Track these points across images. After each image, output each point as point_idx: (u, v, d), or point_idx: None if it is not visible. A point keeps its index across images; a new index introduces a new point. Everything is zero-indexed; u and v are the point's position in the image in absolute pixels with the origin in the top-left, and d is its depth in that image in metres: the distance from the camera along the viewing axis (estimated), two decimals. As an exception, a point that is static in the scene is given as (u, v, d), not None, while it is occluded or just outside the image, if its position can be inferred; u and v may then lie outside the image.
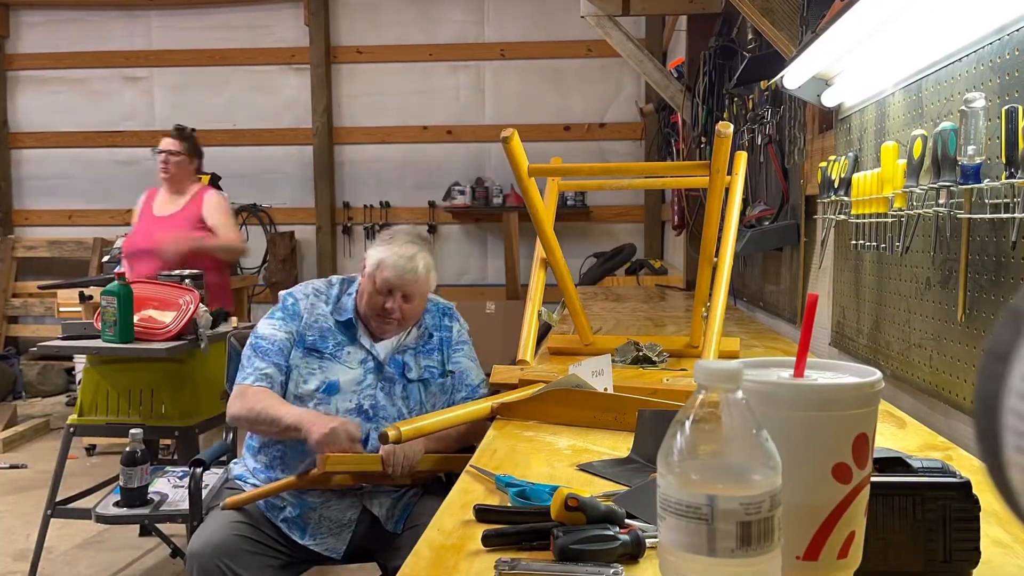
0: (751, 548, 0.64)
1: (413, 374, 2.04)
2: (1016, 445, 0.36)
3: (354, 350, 2.04)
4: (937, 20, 1.41)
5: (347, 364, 2.02)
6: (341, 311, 2.07)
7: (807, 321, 0.78)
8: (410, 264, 2.01)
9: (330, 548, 1.95)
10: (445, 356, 2.10)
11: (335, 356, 2.02)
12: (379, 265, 2.01)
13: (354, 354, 2.03)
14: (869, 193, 1.69)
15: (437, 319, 2.14)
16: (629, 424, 1.44)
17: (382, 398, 2.00)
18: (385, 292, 2.01)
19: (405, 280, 2.00)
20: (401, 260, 2.00)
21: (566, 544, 0.90)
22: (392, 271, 2.00)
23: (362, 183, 6.65)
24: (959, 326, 1.39)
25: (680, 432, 0.67)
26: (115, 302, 2.91)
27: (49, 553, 3.25)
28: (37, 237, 6.77)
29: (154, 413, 2.99)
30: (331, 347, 2.02)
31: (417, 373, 2.05)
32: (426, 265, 2.04)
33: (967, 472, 0.85)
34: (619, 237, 6.47)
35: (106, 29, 6.76)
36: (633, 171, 3.81)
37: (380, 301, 2.01)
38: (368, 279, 2.03)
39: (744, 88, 3.17)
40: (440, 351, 2.10)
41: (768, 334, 2.71)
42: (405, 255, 2.01)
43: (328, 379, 1.99)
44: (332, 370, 2.00)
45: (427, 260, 2.05)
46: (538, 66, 6.46)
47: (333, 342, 2.03)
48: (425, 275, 2.03)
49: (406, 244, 2.04)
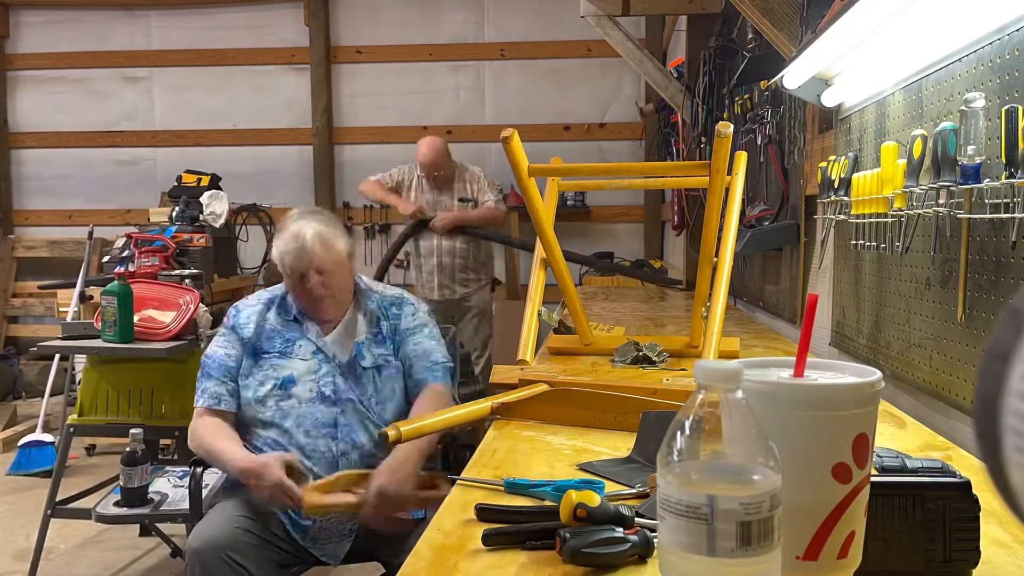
0: (751, 548, 0.64)
1: (367, 362, 2.06)
2: (1016, 445, 0.36)
3: (304, 343, 2.07)
4: (937, 20, 1.41)
5: (299, 357, 2.05)
6: (287, 310, 2.11)
7: (807, 321, 0.78)
8: (297, 242, 2.03)
9: (329, 555, 1.96)
10: (396, 344, 2.11)
11: (285, 353, 2.05)
12: (280, 259, 2.05)
13: (305, 347, 2.06)
14: (869, 193, 1.69)
15: (384, 308, 2.15)
16: (629, 424, 1.44)
17: (341, 382, 2.02)
18: (297, 277, 2.03)
19: (302, 256, 2.02)
20: (289, 243, 2.03)
21: (577, 547, 0.90)
22: (288, 256, 2.03)
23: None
24: (959, 326, 1.39)
25: (680, 432, 0.67)
26: (115, 302, 2.92)
27: (49, 553, 3.25)
28: (37, 237, 6.77)
29: (154, 413, 2.99)
30: (279, 345, 2.06)
31: (371, 360, 2.06)
32: (315, 234, 2.04)
33: (967, 472, 0.85)
34: (619, 237, 6.47)
35: (106, 29, 6.76)
36: (633, 171, 3.80)
37: (299, 288, 2.05)
38: (283, 275, 2.07)
39: (744, 88, 3.17)
40: (392, 340, 2.11)
41: (768, 334, 2.71)
42: (290, 236, 2.04)
43: (281, 375, 2.02)
44: (284, 366, 2.03)
45: (314, 228, 2.05)
46: (538, 66, 6.46)
47: (281, 340, 2.06)
48: (318, 242, 2.03)
49: (292, 224, 2.07)
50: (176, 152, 6.66)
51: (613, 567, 0.90)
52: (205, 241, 4.08)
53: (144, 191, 6.69)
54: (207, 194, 4.41)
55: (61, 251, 6.57)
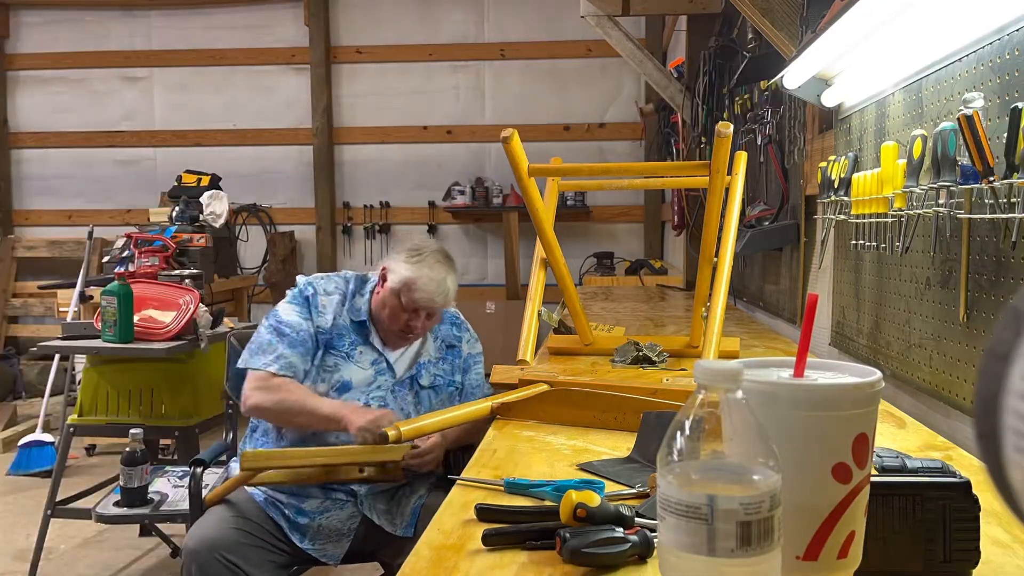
0: (751, 548, 0.64)
1: (425, 380, 2.07)
2: (1016, 445, 0.36)
3: (366, 351, 2.04)
4: (937, 20, 1.41)
5: (359, 364, 2.02)
6: (356, 311, 2.06)
7: (807, 321, 0.78)
8: (441, 288, 1.99)
9: (328, 555, 1.95)
10: (455, 365, 2.13)
11: (349, 356, 2.03)
12: (408, 285, 1.98)
13: (366, 355, 2.04)
14: (869, 193, 1.69)
15: (448, 328, 2.16)
16: (629, 424, 1.44)
17: (390, 400, 2.01)
18: (411, 311, 2.00)
19: (435, 304, 2.00)
20: (432, 284, 1.98)
21: (577, 547, 0.90)
22: (423, 294, 1.98)
23: (362, 183, 6.65)
24: (959, 326, 1.39)
25: (680, 432, 0.67)
26: (115, 302, 2.92)
27: (49, 553, 3.25)
28: (37, 237, 6.77)
29: (154, 413, 2.99)
30: (346, 345, 2.03)
31: (429, 380, 2.07)
32: (454, 288, 2.05)
33: (967, 472, 0.85)
34: (619, 237, 6.48)
35: (106, 29, 6.76)
36: (633, 171, 3.79)
37: (404, 318, 2.01)
38: (392, 294, 2.00)
39: (744, 88, 3.17)
40: (448, 360, 2.13)
41: (768, 334, 2.71)
42: (436, 279, 1.99)
43: (343, 378, 2.00)
44: (347, 369, 2.01)
45: (454, 281, 2.05)
46: (538, 66, 6.46)
47: (348, 341, 2.03)
48: (453, 297, 2.05)
49: (436, 265, 2.01)
50: (176, 152, 6.66)
51: (613, 567, 0.90)
52: (205, 241, 4.09)
53: (144, 191, 6.69)
54: (207, 194, 4.41)
55: (61, 251, 6.57)
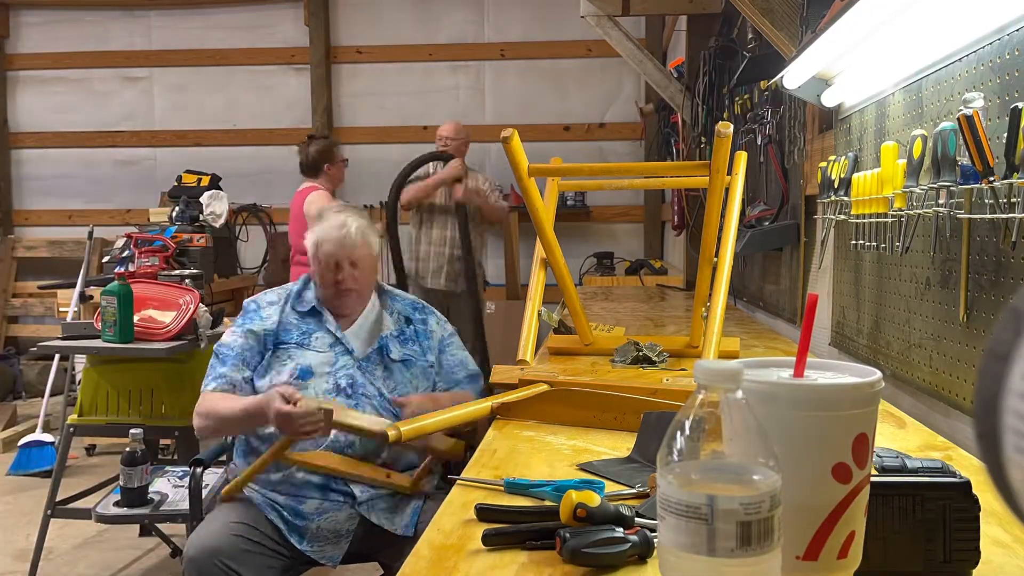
0: (751, 548, 0.64)
1: (395, 355, 2.10)
2: (1016, 445, 0.36)
3: (322, 335, 2.09)
4: (937, 20, 1.41)
5: (316, 349, 2.07)
6: (302, 303, 2.14)
7: (807, 321, 0.78)
8: (343, 230, 2.09)
9: (327, 556, 1.95)
10: (424, 347, 2.16)
11: (302, 344, 2.07)
12: (317, 244, 2.10)
13: (322, 339, 2.09)
14: (869, 193, 1.69)
15: (408, 309, 2.21)
16: (629, 424, 1.44)
17: (359, 376, 2.04)
18: (332, 266, 2.09)
19: (345, 246, 2.08)
20: (333, 231, 2.09)
21: (577, 547, 0.90)
22: (330, 243, 2.09)
23: (362, 183, 6.64)
24: (959, 326, 1.39)
25: (680, 432, 0.67)
26: (115, 302, 2.91)
27: (49, 553, 3.25)
28: (37, 237, 6.77)
29: (154, 413, 2.99)
30: (296, 336, 2.08)
31: (399, 355, 2.10)
32: (359, 228, 2.12)
33: (967, 472, 0.85)
34: (619, 237, 6.47)
35: (106, 29, 6.76)
36: (633, 171, 3.80)
37: (331, 277, 2.09)
38: (314, 262, 2.12)
39: (744, 88, 3.17)
40: (417, 341, 2.15)
41: (768, 334, 2.71)
42: (336, 225, 2.10)
43: (299, 365, 2.03)
44: (301, 356, 2.05)
45: (359, 223, 2.13)
46: (538, 66, 6.46)
47: (298, 332, 2.09)
48: (361, 237, 2.11)
49: (334, 216, 2.14)
50: (176, 152, 6.66)
51: (613, 567, 0.90)
52: (205, 241, 4.09)
53: (144, 191, 6.69)
54: (207, 194, 4.41)
55: (61, 251, 6.57)
